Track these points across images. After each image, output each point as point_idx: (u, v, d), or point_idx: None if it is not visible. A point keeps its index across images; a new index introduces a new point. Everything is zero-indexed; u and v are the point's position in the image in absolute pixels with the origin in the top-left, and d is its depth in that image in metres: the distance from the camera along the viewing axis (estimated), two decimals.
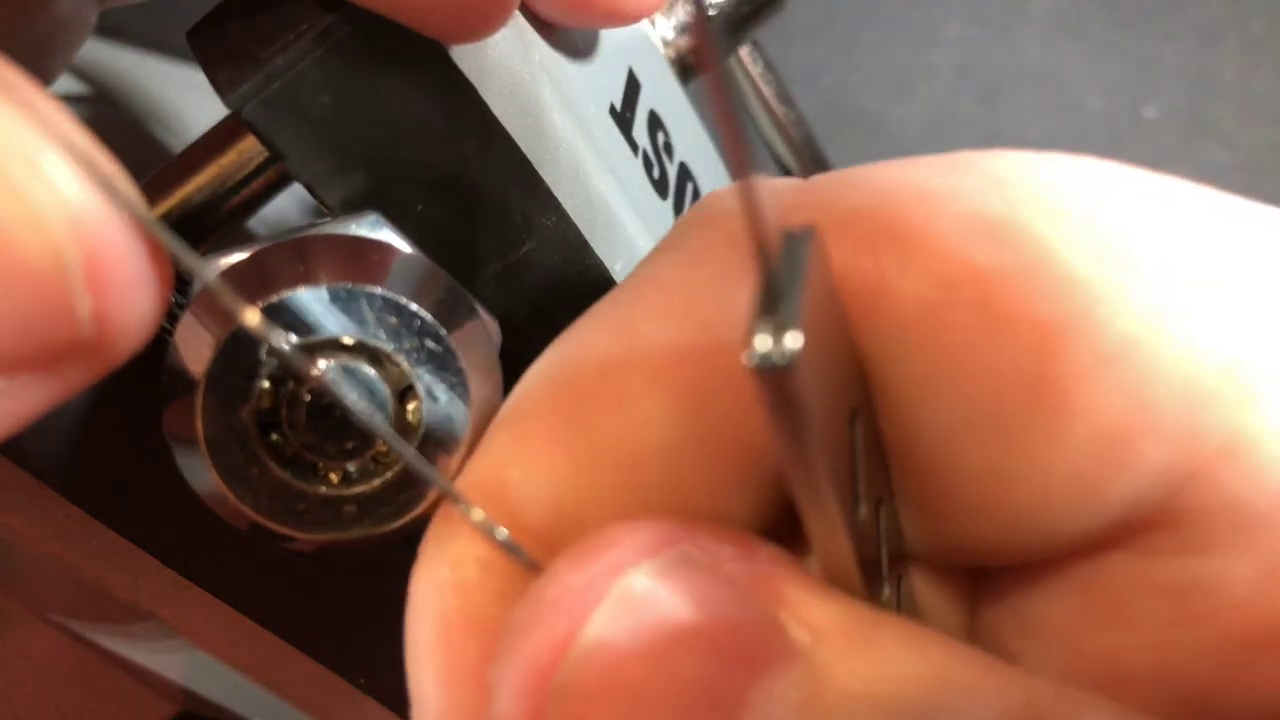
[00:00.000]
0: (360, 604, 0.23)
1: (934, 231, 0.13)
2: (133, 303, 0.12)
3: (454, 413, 0.16)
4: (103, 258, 0.11)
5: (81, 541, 0.20)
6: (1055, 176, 0.14)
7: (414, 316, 0.16)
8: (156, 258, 0.12)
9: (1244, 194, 0.14)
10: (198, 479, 0.16)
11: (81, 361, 0.12)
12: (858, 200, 0.13)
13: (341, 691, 0.24)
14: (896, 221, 0.13)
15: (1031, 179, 0.13)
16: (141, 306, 0.12)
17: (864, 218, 0.13)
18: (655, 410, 0.13)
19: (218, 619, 0.22)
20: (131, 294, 0.12)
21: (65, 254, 0.11)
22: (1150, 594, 0.13)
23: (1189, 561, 0.13)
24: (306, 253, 0.16)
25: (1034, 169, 0.14)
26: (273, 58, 0.16)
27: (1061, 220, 0.13)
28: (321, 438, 0.15)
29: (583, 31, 0.21)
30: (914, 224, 0.13)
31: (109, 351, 0.12)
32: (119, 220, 0.12)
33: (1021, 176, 0.13)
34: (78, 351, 0.12)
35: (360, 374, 0.15)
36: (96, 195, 0.11)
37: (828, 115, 0.55)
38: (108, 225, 0.11)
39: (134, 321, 0.12)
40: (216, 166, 0.19)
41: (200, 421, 0.15)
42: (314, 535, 0.16)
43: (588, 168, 0.20)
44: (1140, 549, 0.13)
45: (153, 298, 0.12)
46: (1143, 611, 0.13)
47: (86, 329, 0.12)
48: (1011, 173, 0.13)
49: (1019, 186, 0.13)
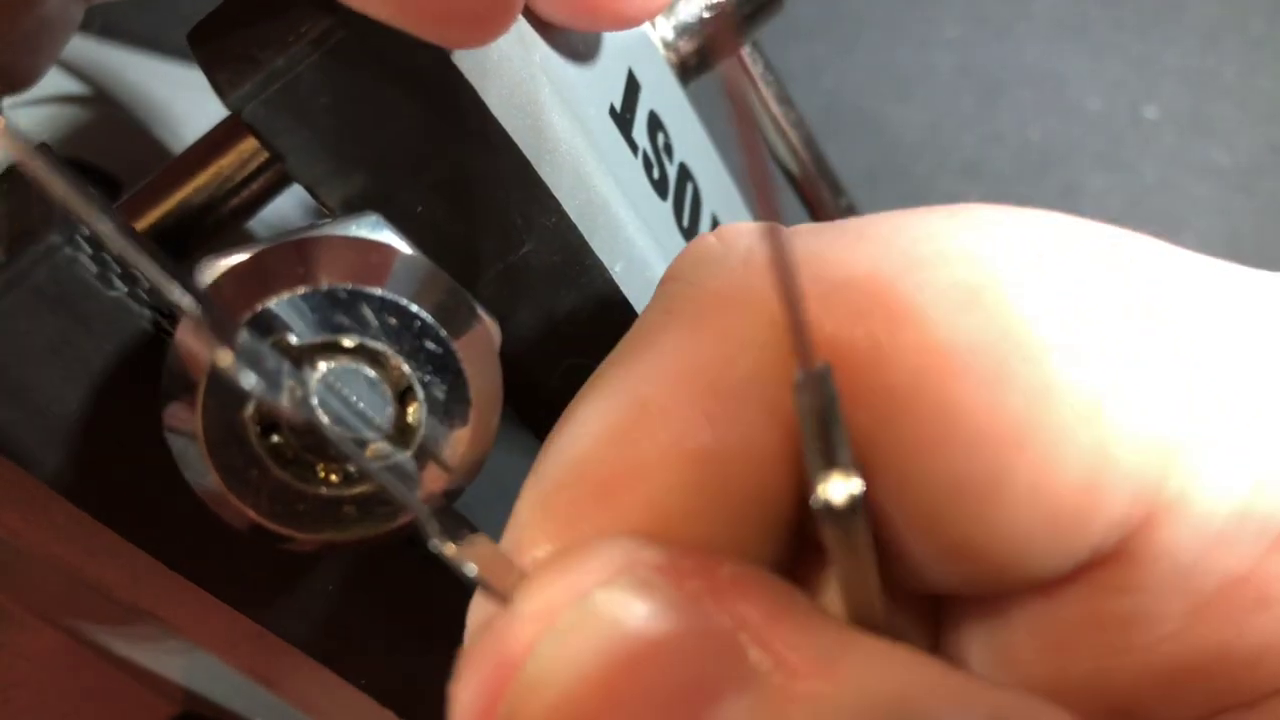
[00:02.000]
0: (360, 604, 0.23)
1: (921, 303, 0.14)
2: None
3: (454, 413, 0.16)
4: None
5: (82, 542, 0.20)
6: (1025, 237, 0.15)
7: (414, 318, 0.16)
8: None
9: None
10: (198, 480, 0.16)
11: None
12: (847, 269, 0.14)
13: (342, 692, 0.24)
14: (885, 291, 0.14)
15: (1006, 242, 0.14)
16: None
17: (855, 287, 0.14)
18: (674, 481, 0.14)
19: (218, 619, 0.22)
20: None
21: None
22: (1097, 625, 0.15)
23: (1132, 598, 0.14)
24: (307, 254, 0.16)
25: (1009, 232, 0.15)
26: (273, 59, 0.16)
27: (1033, 288, 0.14)
28: (321, 439, 0.15)
29: (583, 34, 0.22)
30: (902, 295, 0.14)
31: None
32: None
33: (998, 240, 0.14)
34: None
35: (361, 375, 0.15)
36: None
37: (828, 115, 0.55)
38: None
39: None
40: (216, 168, 0.19)
41: (201, 423, 0.15)
42: (314, 535, 0.16)
43: (588, 169, 0.20)
44: (1092, 585, 0.14)
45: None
46: (1089, 639, 0.15)
47: None
48: (988, 236, 0.14)
49: (995, 252, 0.14)
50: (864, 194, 0.33)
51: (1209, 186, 0.52)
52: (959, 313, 0.14)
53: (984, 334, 0.13)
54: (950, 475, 0.13)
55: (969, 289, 0.14)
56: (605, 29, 0.21)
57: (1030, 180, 0.53)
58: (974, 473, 0.13)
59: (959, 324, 0.13)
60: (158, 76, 0.41)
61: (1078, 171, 0.53)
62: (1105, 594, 0.14)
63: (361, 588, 0.23)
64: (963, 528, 0.14)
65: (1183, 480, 0.14)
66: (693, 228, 0.25)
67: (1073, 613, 0.15)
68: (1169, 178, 0.53)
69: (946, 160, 0.54)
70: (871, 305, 0.14)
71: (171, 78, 0.41)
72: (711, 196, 0.27)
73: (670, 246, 0.23)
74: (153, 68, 0.41)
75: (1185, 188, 0.52)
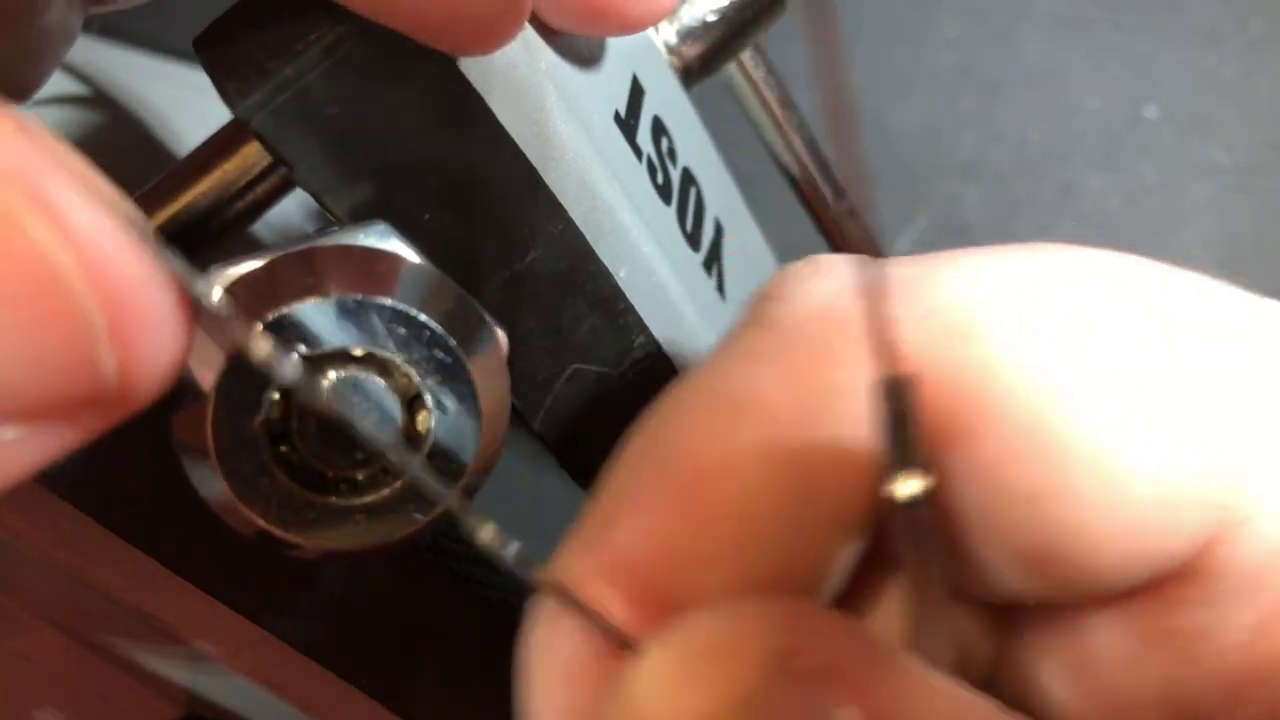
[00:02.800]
0: (366, 610, 0.23)
1: (997, 322, 0.15)
2: (157, 349, 0.12)
3: (463, 422, 0.16)
4: (127, 307, 0.11)
5: (89, 548, 0.20)
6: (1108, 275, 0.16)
7: (423, 327, 0.16)
8: (178, 298, 0.12)
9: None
10: (207, 488, 0.16)
11: (103, 410, 0.12)
12: (936, 296, 0.15)
13: (345, 696, 0.24)
14: (969, 315, 0.15)
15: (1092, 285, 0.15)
16: (165, 352, 0.12)
17: (942, 310, 0.15)
18: (765, 480, 0.14)
19: (224, 624, 0.22)
20: (156, 341, 0.12)
21: (88, 306, 0.11)
22: (1169, 636, 0.15)
23: (1203, 611, 0.15)
24: (315, 264, 0.16)
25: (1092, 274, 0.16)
26: (281, 69, 0.16)
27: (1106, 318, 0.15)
28: (331, 448, 0.16)
29: (587, 38, 0.22)
30: (983, 320, 0.15)
31: (132, 399, 0.12)
32: (142, 265, 0.11)
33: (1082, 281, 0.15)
34: (100, 401, 0.12)
35: (369, 385, 0.15)
36: (119, 240, 0.11)
37: (828, 116, 0.54)
38: (132, 271, 0.11)
39: (158, 367, 0.12)
40: (220, 172, 0.19)
41: (211, 432, 0.15)
42: (322, 544, 0.16)
43: (593, 175, 0.20)
44: (1165, 598, 0.15)
45: (176, 341, 0.12)
46: (1161, 650, 0.15)
47: (110, 380, 0.11)
48: (1072, 278, 0.15)
49: (1077, 292, 0.15)
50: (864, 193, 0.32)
51: (1209, 186, 0.52)
52: (1038, 337, 0.14)
53: (1080, 373, 0.14)
54: (1034, 484, 0.14)
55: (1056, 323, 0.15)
56: (612, 34, 0.21)
57: (1030, 180, 0.53)
58: (1056, 484, 0.14)
59: (1040, 347, 0.14)
60: (158, 77, 0.41)
61: (1077, 171, 0.53)
62: (1177, 607, 0.15)
63: (364, 593, 0.23)
64: (1043, 534, 0.14)
65: (1250, 500, 0.15)
66: (696, 232, 0.25)
67: (1146, 625, 0.15)
68: (1169, 177, 0.53)
69: (946, 160, 0.54)
70: (956, 323, 0.14)
71: (172, 78, 0.41)
72: (715, 201, 0.27)
73: (674, 251, 0.23)
74: (153, 68, 0.41)
75: (1185, 187, 0.52)
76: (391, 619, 0.24)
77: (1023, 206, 0.52)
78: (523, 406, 0.21)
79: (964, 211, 0.53)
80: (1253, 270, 0.50)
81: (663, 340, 0.22)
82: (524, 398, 0.21)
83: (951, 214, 0.53)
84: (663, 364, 0.22)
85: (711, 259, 0.26)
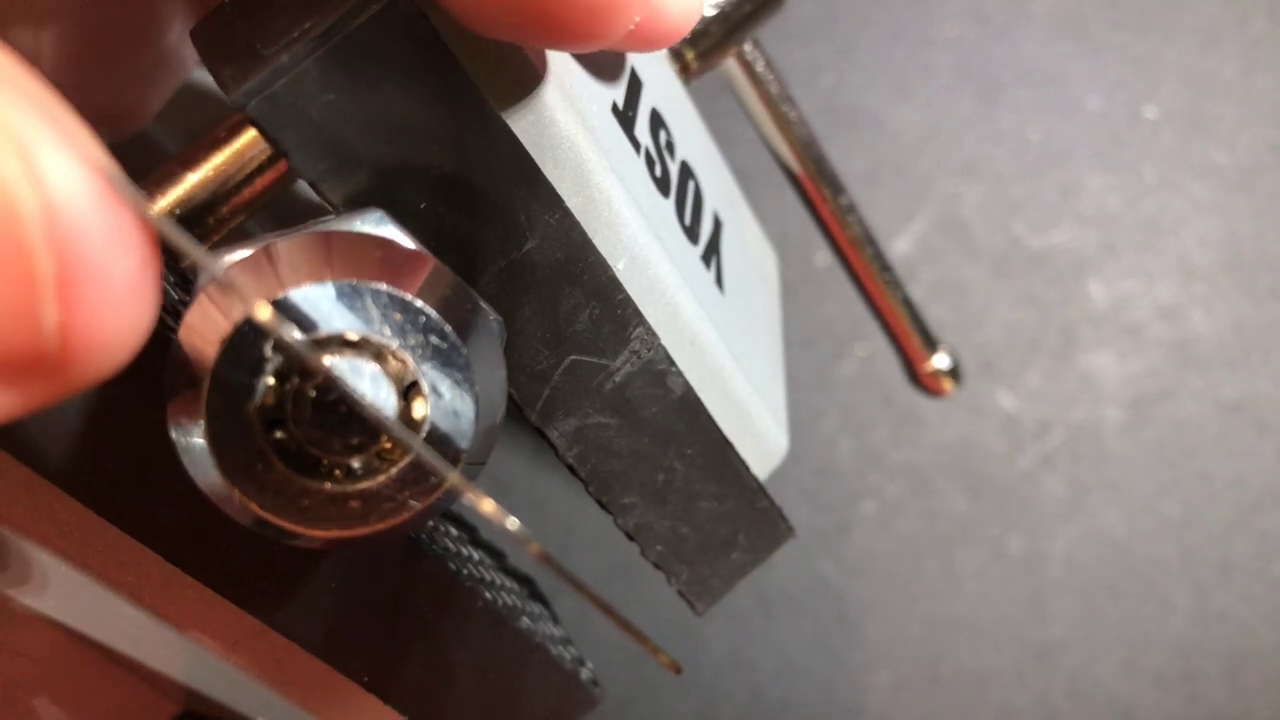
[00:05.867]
0: (364, 602, 0.23)
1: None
2: (108, 321, 0.11)
3: (459, 409, 0.16)
4: (80, 268, 0.10)
5: (83, 537, 0.20)
6: None
7: (419, 313, 0.16)
8: (148, 276, 0.11)
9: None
10: (202, 475, 0.16)
11: (43, 377, 0.11)
12: None
13: (345, 690, 0.24)
14: None
15: None
16: (120, 326, 0.11)
17: None
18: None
19: (221, 616, 0.22)
20: (108, 312, 0.11)
21: (36, 256, 0.10)
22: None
23: None
24: (311, 249, 0.16)
25: None
26: (277, 55, 0.16)
27: None
28: (326, 434, 0.15)
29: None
30: None
31: (75, 370, 0.11)
32: (110, 224, 0.11)
33: None
34: (38, 365, 0.11)
35: (365, 370, 0.15)
36: (90, 197, 0.10)
37: (828, 115, 0.55)
38: (95, 233, 0.11)
39: (108, 341, 0.11)
40: (219, 164, 0.19)
41: (205, 418, 0.15)
42: (319, 531, 0.16)
43: (590, 166, 0.20)
44: None
45: (134, 318, 0.11)
46: None
47: (50, 342, 0.11)
48: None
49: None
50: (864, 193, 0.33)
51: (1209, 186, 0.52)
52: None
53: None
54: None
55: None
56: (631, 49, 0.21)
57: (1030, 180, 0.53)
58: None
59: None
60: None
61: (1077, 171, 0.53)
62: None
63: (365, 585, 0.23)
64: None
65: None
66: (694, 225, 0.25)
67: None
68: (1169, 177, 0.53)
69: (946, 160, 0.54)
70: None
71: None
72: (713, 195, 0.27)
73: (672, 244, 0.23)
74: None
75: (1185, 187, 0.52)
76: (396, 614, 0.24)
77: (1023, 206, 0.52)
78: (520, 397, 0.21)
79: (964, 211, 0.53)
80: (1253, 270, 0.50)
81: (661, 333, 0.22)
82: (521, 388, 0.21)
83: (951, 214, 0.53)
84: (660, 357, 0.22)
85: (710, 252, 0.26)
